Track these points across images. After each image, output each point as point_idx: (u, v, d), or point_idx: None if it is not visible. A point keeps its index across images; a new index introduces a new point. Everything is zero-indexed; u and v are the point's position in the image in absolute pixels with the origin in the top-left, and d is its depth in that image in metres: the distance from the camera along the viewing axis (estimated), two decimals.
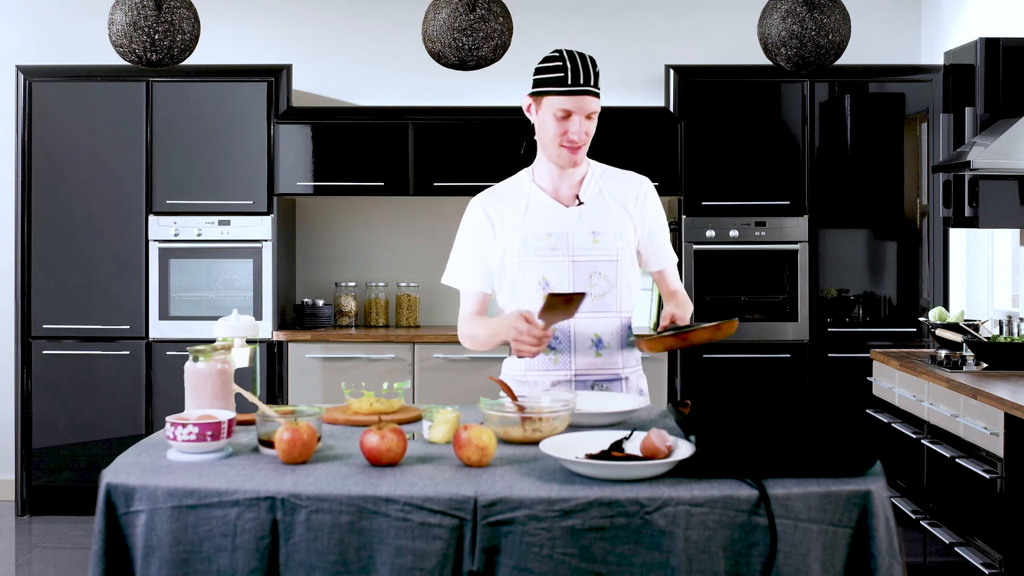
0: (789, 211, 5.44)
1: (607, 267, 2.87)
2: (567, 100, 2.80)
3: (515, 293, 2.89)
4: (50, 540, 5.13)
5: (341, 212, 5.95)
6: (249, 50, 5.86)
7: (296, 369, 5.39)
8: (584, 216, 2.90)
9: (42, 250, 5.49)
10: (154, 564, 1.98)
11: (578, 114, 2.81)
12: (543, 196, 2.93)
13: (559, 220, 2.89)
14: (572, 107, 2.80)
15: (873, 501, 1.99)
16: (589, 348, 2.86)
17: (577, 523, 1.92)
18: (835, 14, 3.85)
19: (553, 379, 2.85)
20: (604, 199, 2.93)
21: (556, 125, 2.83)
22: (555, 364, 2.86)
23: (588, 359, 2.86)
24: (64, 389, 5.47)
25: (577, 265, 2.85)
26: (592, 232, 2.88)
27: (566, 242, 2.86)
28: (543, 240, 2.86)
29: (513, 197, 2.97)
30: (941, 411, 3.85)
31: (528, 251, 2.87)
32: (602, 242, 2.87)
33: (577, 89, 2.79)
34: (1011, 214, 4.27)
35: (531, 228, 2.89)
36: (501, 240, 2.91)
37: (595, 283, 2.85)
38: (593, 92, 2.82)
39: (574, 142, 2.82)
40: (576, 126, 2.81)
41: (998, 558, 3.43)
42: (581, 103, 2.80)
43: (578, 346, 2.85)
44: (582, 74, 2.80)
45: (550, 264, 2.85)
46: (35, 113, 5.49)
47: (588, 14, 5.90)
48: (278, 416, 2.22)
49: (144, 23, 3.83)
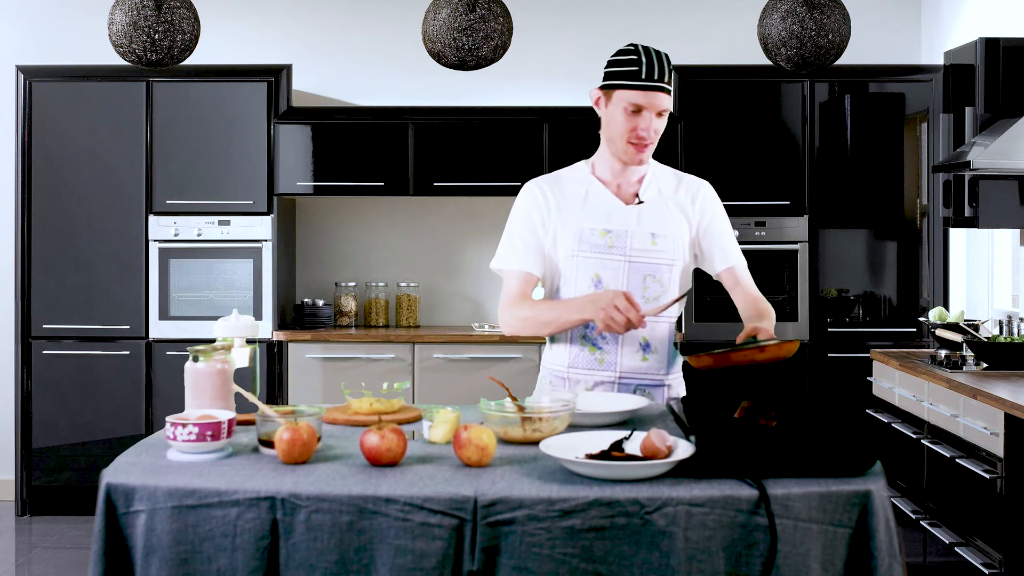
0: (789, 211, 5.44)
1: (663, 271, 2.81)
2: (639, 95, 2.74)
3: (566, 286, 2.82)
4: (50, 540, 5.13)
5: (341, 212, 5.95)
6: (249, 50, 5.86)
7: (296, 369, 5.39)
8: (644, 216, 2.83)
9: (42, 250, 5.49)
10: (154, 564, 1.98)
11: (649, 110, 2.74)
12: (603, 190, 2.86)
13: (618, 217, 2.82)
14: (643, 102, 2.73)
15: (873, 501, 1.98)
16: (636, 351, 2.80)
17: (577, 523, 1.92)
18: (835, 14, 3.85)
19: (597, 379, 2.81)
20: (664, 199, 2.86)
21: (626, 120, 2.77)
22: (600, 364, 2.81)
23: (634, 362, 2.81)
24: (64, 389, 5.47)
25: (633, 266, 2.79)
26: (651, 233, 2.81)
27: (624, 241, 2.79)
28: (600, 237, 2.80)
29: (572, 186, 2.88)
30: (941, 411, 3.85)
31: (583, 246, 2.80)
32: (660, 244, 2.81)
33: (650, 84, 2.73)
34: (1011, 214, 4.27)
35: (588, 222, 2.82)
36: (556, 227, 2.83)
37: (648, 286, 2.79)
38: (665, 89, 2.74)
39: (643, 139, 2.76)
40: (646, 122, 2.75)
41: (998, 558, 3.43)
42: (653, 99, 2.73)
43: (625, 348, 2.80)
44: (656, 69, 2.73)
45: (604, 262, 2.79)
46: (35, 113, 5.49)
47: (588, 14, 5.89)
48: (278, 416, 2.22)
49: (144, 23, 3.83)
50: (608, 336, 2.78)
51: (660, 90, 2.73)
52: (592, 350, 2.82)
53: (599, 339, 2.80)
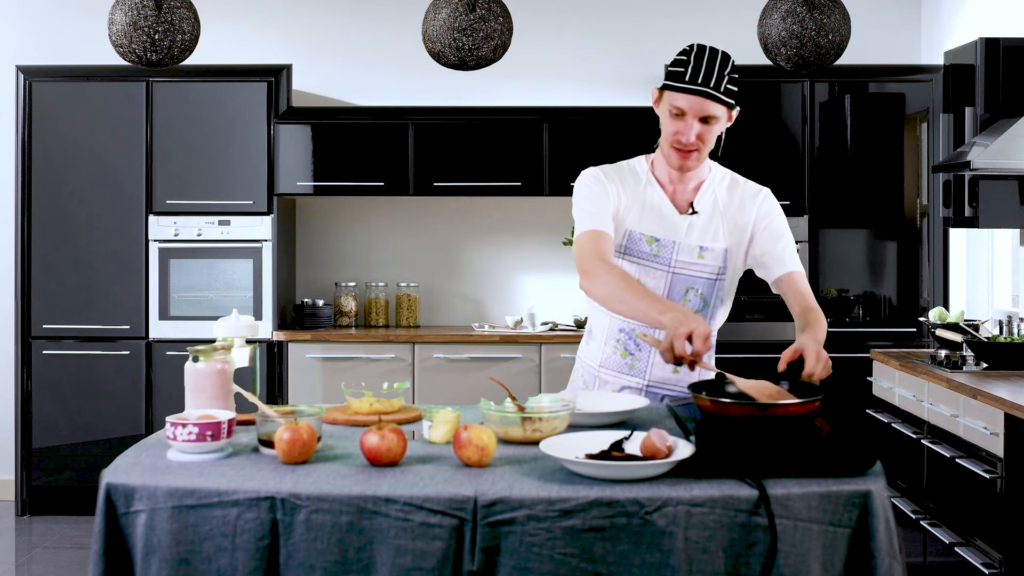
0: (789, 211, 5.43)
1: (705, 285, 2.76)
2: (681, 97, 2.65)
3: None
4: (50, 540, 5.12)
5: (341, 212, 5.95)
6: (249, 50, 5.86)
7: (296, 369, 5.39)
8: (694, 227, 2.76)
9: (42, 250, 5.49)
10: (154, 564, 1.98)
11: (692, 115, 2.65)
12: (659, 193, 2.78)
13: (669, 227, 2.75)
14: (685, 106, 2.64)
15: (873, 501, 1.98)
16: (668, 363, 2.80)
17: (577, 523, 1.92)
18: (835, 14, 3.85)
19: (624, 383, 2.79)
20: (719, 211, 2.78)
21: (669, 123, 2.70)
22: (630, 369, 2.79)
23: (664, 372, 2.79)
24: (64, 389, 5.47)
25: (676, 278, 2.74)
26: (699, 247, 2.74)
27: (670, 251, 2.74)
28: (647, 244, 2.74)
29: (631, 184, 2.79)
30: (941, 411, 3.85)
31: (630, 251, 2.75)
32: (707, 258, 2.75)
33: (692, 88, 2.63)
34: (1011, 214, 4.27)
35: (639, 226, 2.75)
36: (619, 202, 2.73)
37: (690, 299, 2.75)
38: (712, 95, 2.62)
39: (682, 144, 2.67)
40: (688, 127, 2.66)
41: (998, 558, 3.42)
42: (696, 104, 2.63)
43: (657, 359, 2.76)
44: (703, 73, 2.63)
45: (647, 271, 2.74)
46: (35, 113, 5.49)
47: (588, 14, 5.90)
48: (278, 416, 2.22)
49: (144, 23, 3.83)
50: (642, 344, 2.76)
51: (704, 95, 2.63)
52: (624, 355, 2.79)
53: (631, 344, 2.78)
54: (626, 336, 2.80)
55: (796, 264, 2.78)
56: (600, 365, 2.83)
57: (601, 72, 5.89)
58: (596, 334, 2.87)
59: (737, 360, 5.38)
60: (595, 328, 2.87)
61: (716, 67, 2.64)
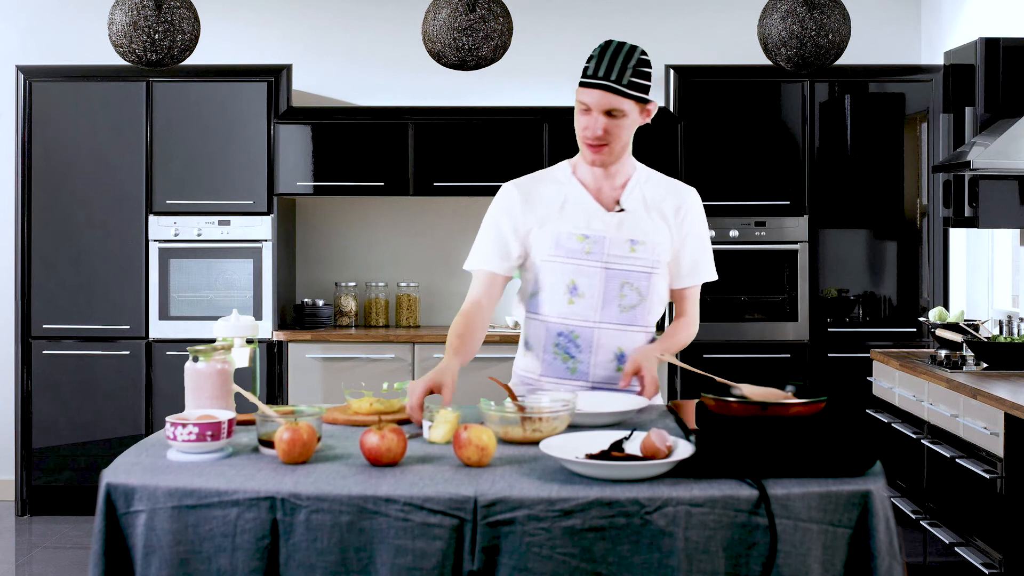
0: (789, 211, 5.44)
1: (640, 279, 2.76)
2: (586, 92, 2.68)
3: (541, 292, 2.79)
4: (50, 540, 5.13)
5: (341, 212, 5.95)
6: (249, 50, 5.86)
7: (296, 369, 5.39)
8: (624, 223, 2.77)
9: (42, 250, 5.49)
10: (154, 564, 1.98)
11: (596, 110, 2.67)
12: (584, 194, 2.80)
13: (597, 223, 2.77)
14: (590, 101, 2.67)
15: (873, 501, 1.98)
16: (610, 361, 2.77)
17: (577, 523, 1.92)
18: (835, 14, 3.85)
19: (569, 388, 2.77)
20: (646, 207, 2.80)
21: (578, 119, 2.72)
22: (572, 373, 2.78)
23: (607, 372, 2.78)
24: (64, 389, 5.47)
25: (610, 273, 2.75)
26: (630, 240, 2.75)
27: (602, 247, 2.74)
28: (577, 242, 2.75)
29: (550, 189, 2.82)
30: (941, 411, 3.85)
31: (560, 251, 2.75)
32: (639, 252, 2.76)
33: (593, 83, 2.66)
34: (1011, 214, 4.27)
35: (566, 226, 2.76)
36: (532, 230, 2.78)
37: (626, 294, 2.76)
38: (614, 88, 2.64)
39: (588, 138, 2.70)
40: (592, 122, 2.68)
41: (998, 558, 3.43)
42: (600, 98, 2.65)
43: (599, 358, 2.77)
44: (605, 67, 2.65)
45: (581, 268, 2.74)
46: (35, 113, 5.49)
47: (588, 14, 5.90)
48: (278, 416, 2.22)
49: (144, 23, 3.83)
50: (582, 344, 2.76)
51: (607, 89, 2.65)
52: (565, 359, 2.78)
53: (571, 347, 2.76)
54: (565, 339, 2.78)
55: (711, 274, 2.90)
56: (541, 375, 2.81)
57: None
58: (533, 344, 2.84)
59: (737, 360, 5.38)
60: (531, 338, 2.85)
61: (620, 61, 2.65)
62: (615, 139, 2.71)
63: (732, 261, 5.42)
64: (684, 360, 5.34)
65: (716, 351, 5.37)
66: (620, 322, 2.76)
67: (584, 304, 2.76)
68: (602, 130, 2.68)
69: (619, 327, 2.76)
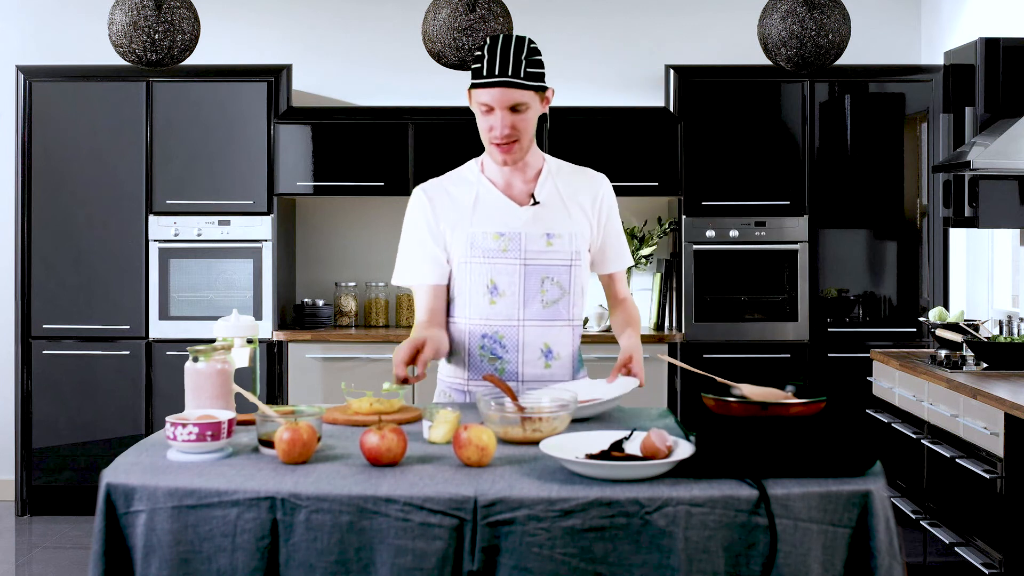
0: (789, 211, 5.44)
1: (560, 272, 2.74)
2: (484, 93, 2.64)
3: (460, 295, 2.77)
4: (50, 540, 5.13)
5: (341, 212, 5.95)
6: (249, 50, 5.86)
7: (296, 369, 5.39)
8: (539, 216, 2.75)
9: (42, 250, 5.49)
10: (154, 564, 1.98)
11: (499, 107, 2.63)
12: (494, 192, 2.77)
13: (511, 219, 2.74)
14: (490, 100, 2.63)
15: (873, 501, 1.98)
16: (538, 359, 2.75)
17: (577, 523, 1.92)
18: (835, 14, 3.85)
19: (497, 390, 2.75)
20: (561, 199, 2.77)
21: (482, 120, 2.69)
22: (501, 374, 2.75)
23: (537, 370, 2.76)
24: (64, 389, 5.47)
25: (529, 269, 2.72)
26: (546, 234, 2.73)
27: (518, 244, 2.72)
28: (492, 240, 2.72)
29: (460, 191, 2.79)
30: (941, 411, 3.85)
31: (476, 252, 2.73)
32: (556, 245, 2.73)
33: (492, 80, 2.62)
34: (1011, 214, 4.27)
35: (480, 226, 2.74)
36: (446, 234, 2.76)
37: (547, 289, 2.73)
38: (512, 83, 2.61)
39: (497, 139, 2.66)
40: (498, 120, 2.64)
41: (998, 558, 3.43)
42: (499, 95, 2.61)
43: (526, 356, 2.74)
44: (498, 63, 2.61)
45: (499, 267, 2.72)
46: (35, 113, 5.49)
47: (588, 14, 5.90)
48: (278, 416, 2.22)
49: (144, 23, 3.83)
50: (507, 344, 2.74)
51: (506, 84, 2.62)
52: (491, 360, 2.76)
53: (497, 347, 2.74)
54: (490, 340, 2.76)
55: (628, 259, 2.89)
56: (470, 379, 2.78)
57: (601, 72, 5.89)
58: (457, 349, 2.82)
59: (737, 360, 5.38)
60: (454, 344, 2.82)
61: (512, 55, 2.62)
62: (523, 134, 2.68)
63: (732, 261, 5.42)
64: (684, 360, 5.35)
65: (716, 351, 5.37)
66: (544, 318, 2.74)
67: (506, 303, 2.74)
68: (509, 127, 2.66)
69: (543, 323, 2.74)
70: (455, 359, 2.84)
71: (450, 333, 2.83)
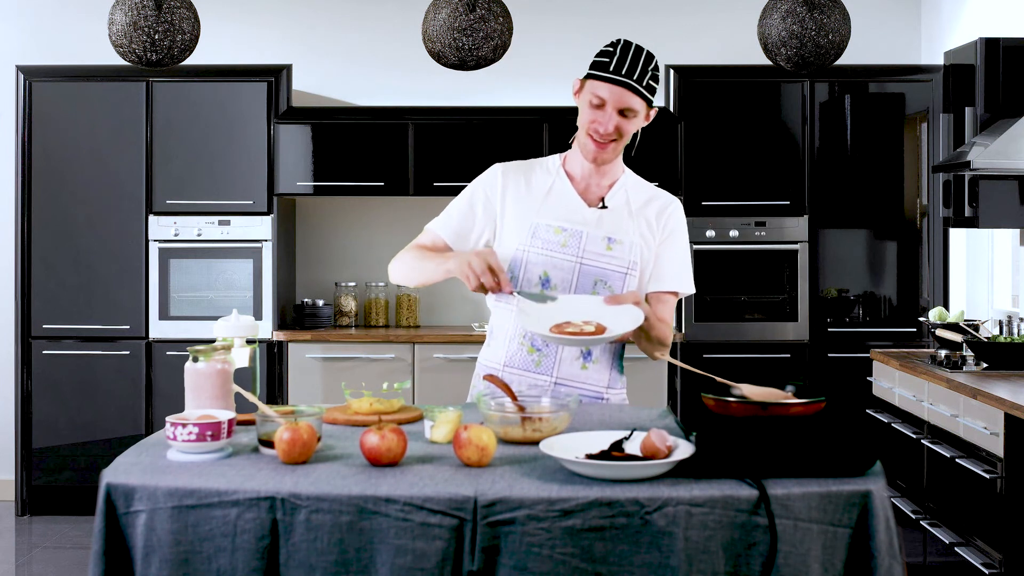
0: (789, 211, 5.44)
1: (615, 278, 2.73)
2: (603, 87, 2.67)
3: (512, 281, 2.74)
4: (50, 540, 5.13)
5: (341, 212, 5.95)
6: (249, 50, 5.87)
7: (296, 369, 5.39)
8: (604, 220, 2.76)
9: (42, 250, 5.49)
10: (154, 564, 1.98)
11: (611, 106, 2.67)
12: (568, 187, 2.79)
13: (577, 217, 2.75)
14: (606, 96, 2.67)
15: (873, 501, 1.98)
16: (576, 359, 2.75)
17: (577, 523, 1.92)
18: (835, 14, 3.85)
19: (532, 381, 2.75)
20: (629, 209, 2.79)
21: (589, 112, 2.71)
22: (536, 366, 2.75)
23: (573, 370, 2.76)
24: (64, 389, 5.47)
25: (584, 268, 2.73)
26: (608, 238, 2.73)
27: (578, 241, 2.73)
28: (554, 234, 2.73)
29: (539, 178, 2.81)
30: (941, 411, 3.85)
31: (536, 242, 2.73)
32: (615, 251, 2.73)
33: (615, 78, 2.66)
34: (1011, 214, 4.27)
35: (544, 217, 2.75)
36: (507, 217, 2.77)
37: (599, 292, 2.72)
38: (634, 88, 2.66)
39: (599, 134, 2.69)
40: (606, 118, 2.68)
41: (998, 558, 3.43)
42: (617, 95, 2.66)
43: (564, 355, 2.74)
44: (627, 66, 2.66)
45: (555, 261, 2.72)
46: (35, 113, 5.50)
47: (588, 14, 5.90)
48: (278, 416, 2.22)
49: (144, 23, 3.83)
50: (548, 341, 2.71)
51: (627, 87, 2.66)
52: (531, 351, 2.76)
53: (537, 340, 2.74)
54: (532, 333, 2.74)
55: (685, 286, 2.82)
56: (505, 364, 2.78)
57: None
58: (498, 334, 2.82)
59: (737, 360, 5.38)
60: (497, 329, 2.83)
61: (640, 62, 2.67)
62: (623, 138, 2.72)
63: (732, 261, 5.42)
64: (684, 360, 5.35)
65: (716, 351, 5.37)
66: None
67: None
68: (614, 127, 2.69)
69: None
70: (496, 343, 2.83)
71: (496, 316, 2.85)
